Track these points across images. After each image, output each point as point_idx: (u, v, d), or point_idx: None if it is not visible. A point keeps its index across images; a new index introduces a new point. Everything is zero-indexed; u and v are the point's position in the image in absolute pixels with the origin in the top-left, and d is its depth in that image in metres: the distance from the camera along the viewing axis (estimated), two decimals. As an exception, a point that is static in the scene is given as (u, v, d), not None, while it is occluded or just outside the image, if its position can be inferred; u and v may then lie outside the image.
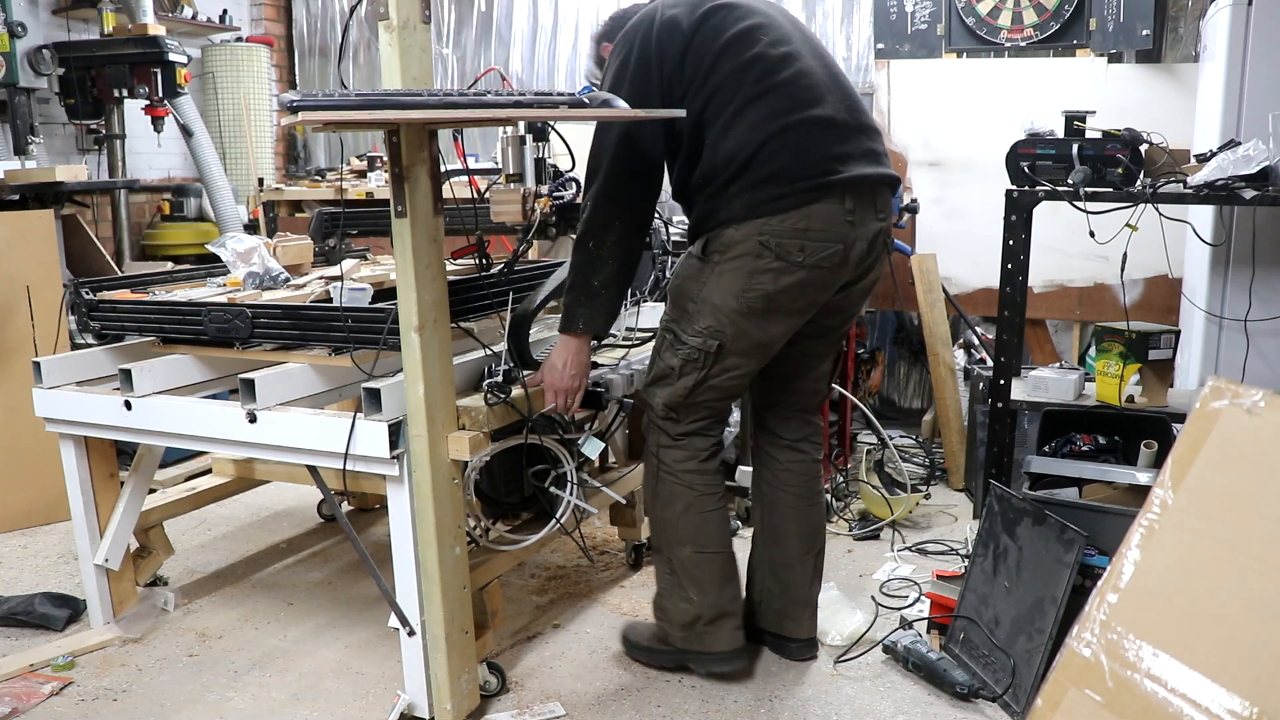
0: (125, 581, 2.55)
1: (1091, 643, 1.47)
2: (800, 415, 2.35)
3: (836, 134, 2.00)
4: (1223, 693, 1.32)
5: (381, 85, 1.82)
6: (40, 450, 3.15)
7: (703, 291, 2.04)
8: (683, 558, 2.18)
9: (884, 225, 2.10)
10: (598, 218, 2.04)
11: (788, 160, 1.96)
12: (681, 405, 2.13)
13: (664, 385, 2.14)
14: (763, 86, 1.97)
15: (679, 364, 2.09)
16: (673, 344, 2.11)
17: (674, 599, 2.22)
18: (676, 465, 2.17)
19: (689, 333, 2.07)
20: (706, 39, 1.99)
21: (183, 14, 4.83)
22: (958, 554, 2.94)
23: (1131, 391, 2.79)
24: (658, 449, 2.19)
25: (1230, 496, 1.46)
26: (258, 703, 2.22)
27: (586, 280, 2.05)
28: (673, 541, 2.19)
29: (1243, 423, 1.48)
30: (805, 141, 1.97)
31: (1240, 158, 2.54)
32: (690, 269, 2.08)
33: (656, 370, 2.15)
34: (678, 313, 2.10)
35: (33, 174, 3.70)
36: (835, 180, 1.98)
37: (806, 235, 1.97)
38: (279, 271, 2.43)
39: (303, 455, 2.05)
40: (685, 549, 2.18)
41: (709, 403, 2.15)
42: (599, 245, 2.04)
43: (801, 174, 1.96)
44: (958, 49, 4.01)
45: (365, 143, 5.24)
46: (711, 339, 2.05)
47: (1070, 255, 3.82)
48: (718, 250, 2.01)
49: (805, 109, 1.98)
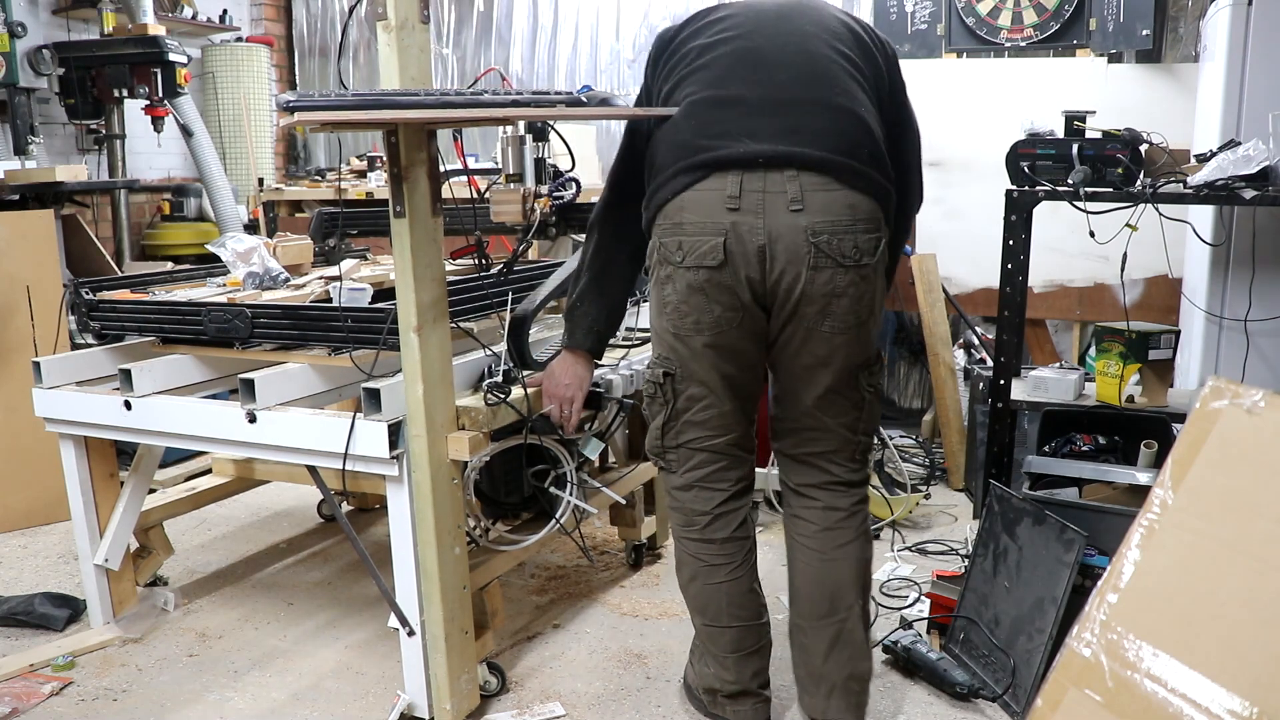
0: (125, 581, 2.55)
1: (1091, 643, 1.47)
2: (813, 461, 1.95)
3: (743, 109, 1.70)
4: (1223, 693, 1.32)
5: (380, 85, 1.82)
6: (40, 450, 3.15)
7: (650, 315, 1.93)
8: (698, 626, 2.02)
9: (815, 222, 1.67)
10: (589, 228, 2.00)
11: (666, 147, 1.76)
12: (664, 449, 1.96)
13: (651, 430, 1.98)
14: (679, 75, 1.82)
15: (648, 401, 1.95)
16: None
17: (696, 662, 2.09)
18: (679, 530, 1.99)
19: (649, 365, 1.95)
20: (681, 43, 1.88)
21: (183, 14, 4.83)
22: (958, 554, 2.94)
23: (1131, 391, 2.79)
24: (670, 509, 2.03)
25: (1230, 496, 1.45)
26: (258, 703, 2.22)
27: (569, 293, 2.02)
28: (688, 606, 2.04)
29: (1243, 423, 1.48)
30: (691, 123, 1.72)
31: (1240, 158, 2.54)
32: None
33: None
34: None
35: (33, 174, 3.70)
36: (705, 160, 1.68)
37: (682, 230, 1.71)
38: (279, 271, 2.43)
39: (302, 455, 2.05)
40: (697, 619, 2.02)
41: (695, 444, 1.91)
42: (582, 256, 2.00)
43: (673, 158, 1.73)
44: (958, 49, 4.01)
45: (365, 143, 5.24)
46: (658, 366, 1.90)
47: (1070, 255, 3.82)
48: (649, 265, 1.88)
49: (713, 88, 1.74)
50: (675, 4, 4.64)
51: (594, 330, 2.02)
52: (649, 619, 2.58)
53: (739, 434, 1.93)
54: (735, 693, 2.00)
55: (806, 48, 1.77)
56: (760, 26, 1.80)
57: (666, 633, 2.50)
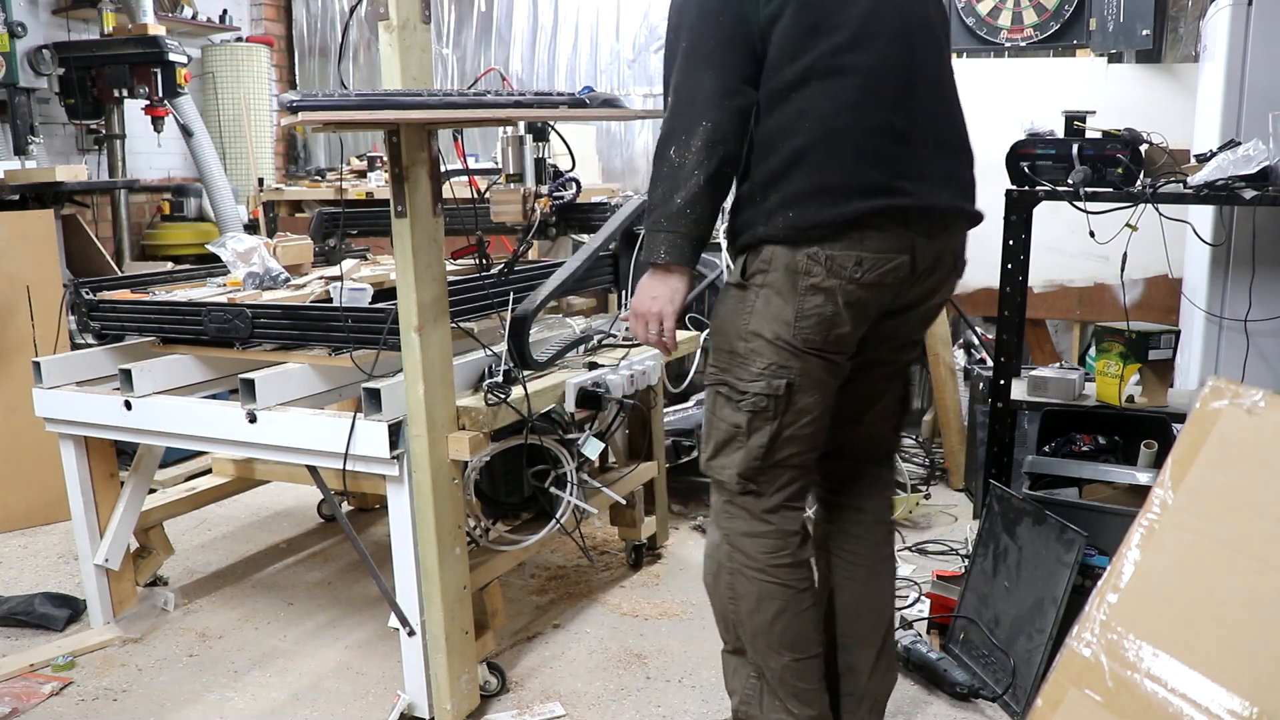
0: (125, 581, 2.55)
1: (1091, 643, 1.47)
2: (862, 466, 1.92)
3: (907, 143, 1.66)
4: (1223, 693, 1.32)
5: (381, 85, 1.82)
6: (40, 450, 3.15)
7: (750, 325, 1.69)
8: (778, 668, 1.78)
9: (954, 241, 1.77)
10: (681, 113, 1.60)
11: (849, 178, 1.62)
12: (761, 471, 1.74)
13: (733, 450, 1.74)
14: (832, 64, 1.60)
15: (745, 420, 1.71)
16: (729, 398, 1.73)
17: (767, 710, 1.83)
18: (766, 559, 1.75)
19: (747, 378, 1.70)
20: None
21: (183, 14, 4.83)
22: (958, 554, 2.94)
23: (1131, 391, 2.79)
24: (735, 538, 1.77)
25: (1230, 496, 1.46)
26: (258, 703, 2.22)
27: (668, 198, 1.62)
28: (766, 651, 1.78)
29: (1243, 423, 1.48)
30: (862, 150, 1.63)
31: (1240, 158, 2.54)
32: (731, 303, 1.73)
33: (717, 436, 1.76)
34: (727, 359, 1.73)
35: (33, 174, 3.70)
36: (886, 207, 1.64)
37: (864, 246, 1.64)
38: (279, 271, 2.43)
39: (303, 455, 2.05)
40: (782, 658, 1.77)
41: (792, 461, 1.74)
42: (682, 151, 1.60)
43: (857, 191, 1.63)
44: (958, 49, 4.01)
45: (365, 143, 5.24)
46: (776, 378, 1.68)
47: (1070, 255, 3.82)
48: (759, 270, 1.68)
49: (857, 111, 1.62)
50: (675, 4, 4.63)
51: (700, 239, 1.67)
52: (649, 619, 2.58)
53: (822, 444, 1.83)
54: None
55: (938, 56, 1.73)
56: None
57: (666, 633, 2.50)
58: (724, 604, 1.82)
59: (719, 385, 1.76)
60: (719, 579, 1.81)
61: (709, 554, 1.84)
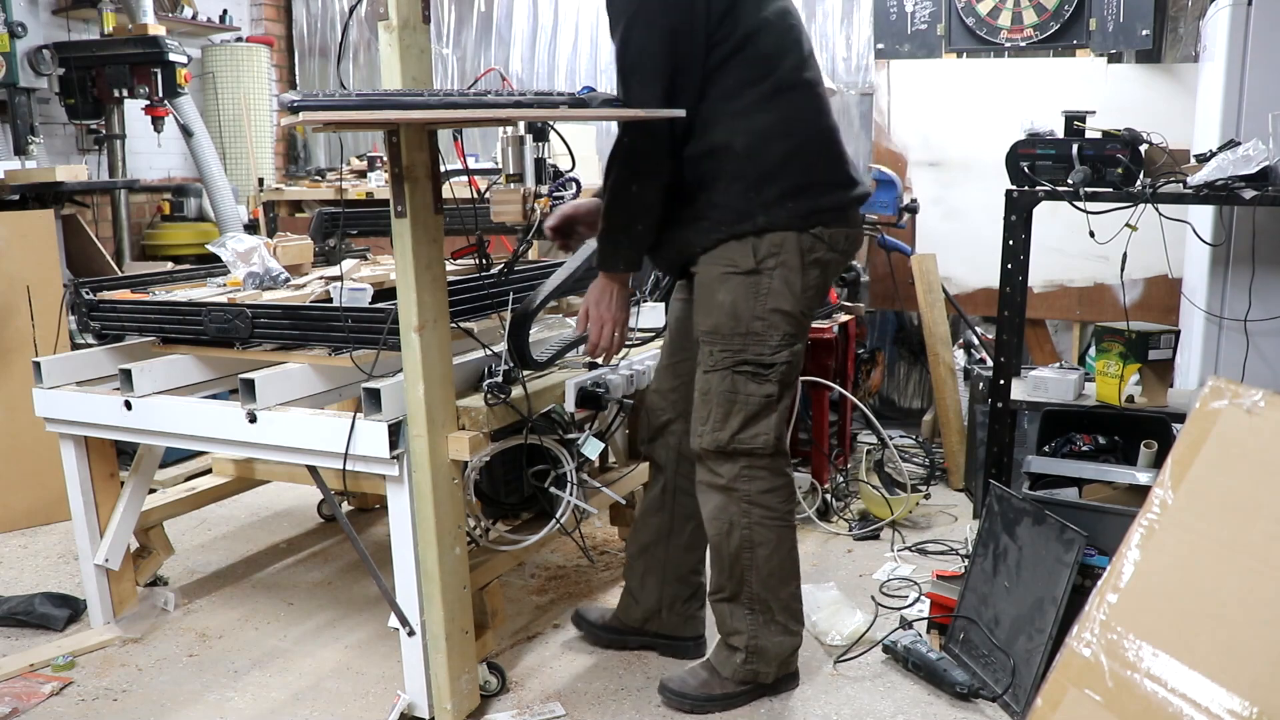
0: (125, 581, 2.55)
1: (1091, 643, 1.47)
2: None
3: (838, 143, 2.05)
4: (1223, 693, 1.32)
5: (381, 85, 1.82)
6: (40, 450, 3.15)
7: (768, 304, 1.96)
8: (789, 594, 2.13)
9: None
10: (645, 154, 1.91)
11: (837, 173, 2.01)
12: (784, 430, 2.07)
13: (765, 418, 2.01)
14: (796, 78, 1.95)
15: (776, 389, 2.00)
16: (754, 374, 1.99)
17: (773, 637, 2.13)
18: (783, 508, 2.09)
19: (769, 351, 1.98)
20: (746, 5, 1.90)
21: (183, 14, 4.82)
22: (958, 554, 2.94)
23: (1131, 391, 2.79)
24: (758, 497, 2.05)
25: (1230, 496, 1.46)
26: (258, 703, 2.22)
27: (630, 222, 1.96)
28: (779, 585, 2.11)
29: (1243, 423, 1.48)
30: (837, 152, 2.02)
31: (1240, 158, 2.54)
32: (738, 288, 1.96)
33: (747, 409, 2.00)
34: (744, 340, 1.98)
35: (33, 174, 3.70)
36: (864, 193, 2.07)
37: (849, 223, 2.06)
38: (279, 271, 2.43)
39: (303, 455, 2.05)
40: (790, 586, 2.13)
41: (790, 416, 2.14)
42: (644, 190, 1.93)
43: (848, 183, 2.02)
44: (958, 49, 4.01)
45: (365, 143, 5.24)
46: (794, 347, 2.01)
47: (1070, 255, 3.82)
48: (770, 254, 1.95)
49: (826, 117, 2.01)
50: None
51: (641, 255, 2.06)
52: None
53: None
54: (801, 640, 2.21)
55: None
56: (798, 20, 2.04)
57: (666, 633, 2.50)
58: (736, 555, 2.07)
59: (738, 366, 1.99)
60: (731, 535, 2.07)
61: (716, 516, 2.08)
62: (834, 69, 4.42)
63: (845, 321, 3.43)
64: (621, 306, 2.07)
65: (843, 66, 4.43)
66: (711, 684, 2.16)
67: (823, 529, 3.20)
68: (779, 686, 2.20)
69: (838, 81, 4.35)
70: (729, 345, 1.98)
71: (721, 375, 2.00)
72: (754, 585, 2.09)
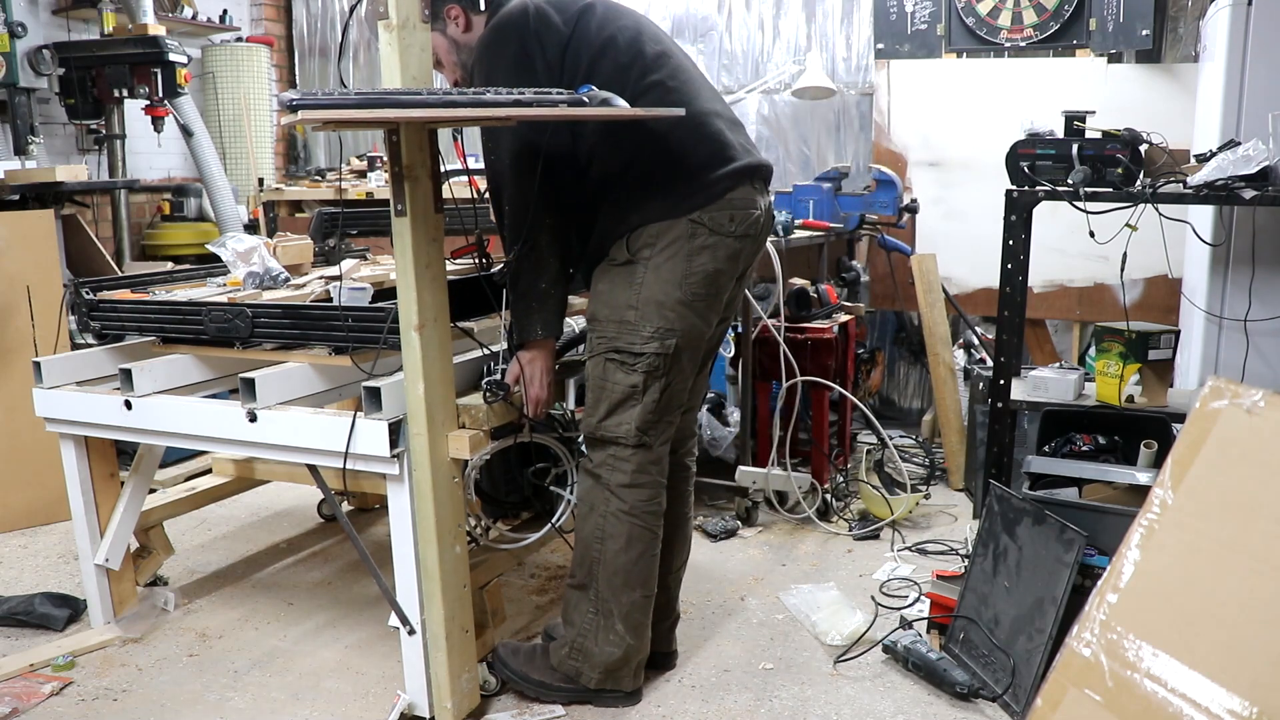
0: (125, 581, 2.55)
1: (1091, 643, 1.47)
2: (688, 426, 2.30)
3: (725, 123, 2.06)
4: (1223, 693, 1.32)
5: (381, 85, 1.82)
6: (40, 450, 3.15)
7: (642, 294, 1.98)
8: (630, 603, 2.08)
9: (770, 202, 2.16)
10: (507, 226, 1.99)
11: (705, 155, 1.99)
12: (653, 424, 2.04)
13: (629, 408, 2.02)
14: (643, 86, 1.97)
15: (641, 380, 2.01)
16: (623, 363, 2.01)
17: (602, 642, 2.10)
18: (640, 506, 2.06)
19: (639, 341, 1.99)
20: (584, 36, 1.97)
21: (183, 14, 4.82)
22: (958, 554, 2.94)
23: (1131, 391, 2.79)
24: (616, 489, 2.05)
25: (1230, 496, 1.46)
26: (258, 703, 2.22)
27: (533, 284, 2.00)
28: (621, 587, 2.07)
29: (1243, 423, 1.48)
30: (709, 133, 2.01)
31: (1240, 158, 2.54)
32: (616, 277, 2.01)
33: (611, 398, 2.03)
34: (616, 328, 2.01)
35: (33, 174, 3.70)
36: (742, 167, 2.02)
37: (733, 205, 2.00)
38: (279, 271, 2.43)
39: (303, 455, 2.05)
40: (635, 594, 2.09)
41: (671, 416, 2.08)
42: (533, 247, 1.97)
43: (719, 162, 2.00)
44: (958, 49, 4.01)
45: (365, 143, 5.24)
46: (667, 339, 1.99)
47: (1070, 255, 3.82)
48: (646, 245, 1.98)
49: (694, 102, 2.00)
50: (674, 4, 4.64)
51: (563, 307, 2.07)
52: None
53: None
54: (642, 659, 2.17)
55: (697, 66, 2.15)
56: (659, 33, 2.10)
57: (666, 632, 2.50)
58: (589, 543, 2.09)
59: (610, 353, 2.02)
60: (589, 520, 2.09)
61: (582, 498, 2.12)
62: (834, 69, 4.42)
63: (845, 321, 3.43)
64: (547, 370, 2.05)
65: (843, 66, 4.43)
66: (536, 665, 2.18)
67: (823, 529, 3.20)
68: (605, 697, 2.15)
69: (838, 81, 4.35)
70: (604, 332, 2.03)
71: (595, 362, 2.05)
72: (600, 582, 2.08)
